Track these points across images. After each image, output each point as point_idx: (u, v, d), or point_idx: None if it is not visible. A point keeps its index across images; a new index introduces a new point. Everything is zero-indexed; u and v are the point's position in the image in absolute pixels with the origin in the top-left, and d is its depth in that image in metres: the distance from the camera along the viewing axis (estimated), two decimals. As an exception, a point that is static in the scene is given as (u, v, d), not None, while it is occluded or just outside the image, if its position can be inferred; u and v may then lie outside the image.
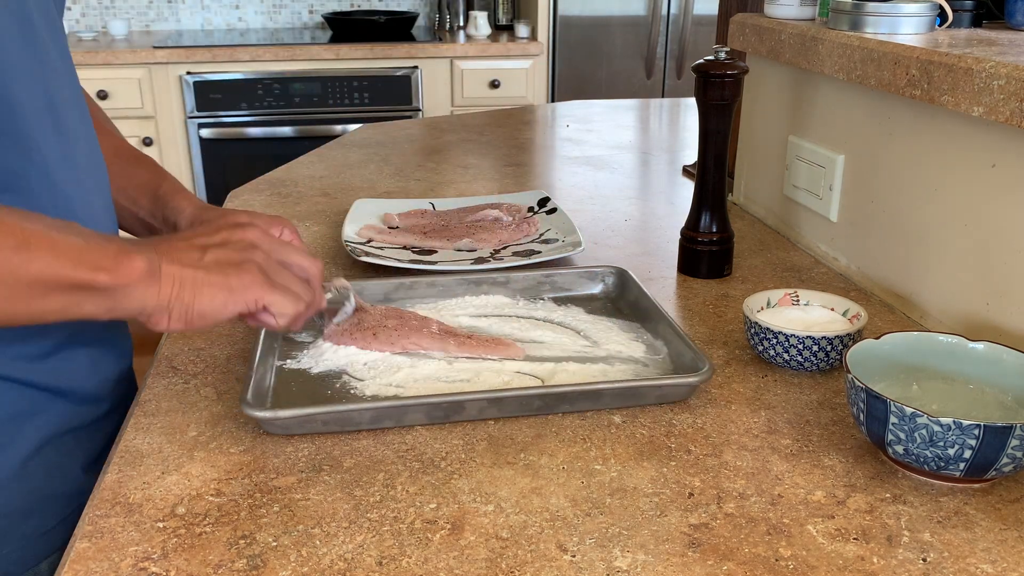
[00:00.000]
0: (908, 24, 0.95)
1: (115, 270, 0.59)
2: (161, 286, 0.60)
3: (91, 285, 0.58)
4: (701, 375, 0.71)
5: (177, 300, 0.61)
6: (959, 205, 0.83)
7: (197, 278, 0.62)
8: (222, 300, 0.63)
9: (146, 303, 0.60)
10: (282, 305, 0.66)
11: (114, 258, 0.59)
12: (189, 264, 0.62)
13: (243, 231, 0.68)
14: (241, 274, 0.64)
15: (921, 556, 0.55)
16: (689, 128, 1.93)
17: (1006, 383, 0.67)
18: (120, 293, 0.59)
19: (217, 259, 0.64)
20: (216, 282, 0.63)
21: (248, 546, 0.55)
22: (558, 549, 0.55)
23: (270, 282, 0.65)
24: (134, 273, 0.59)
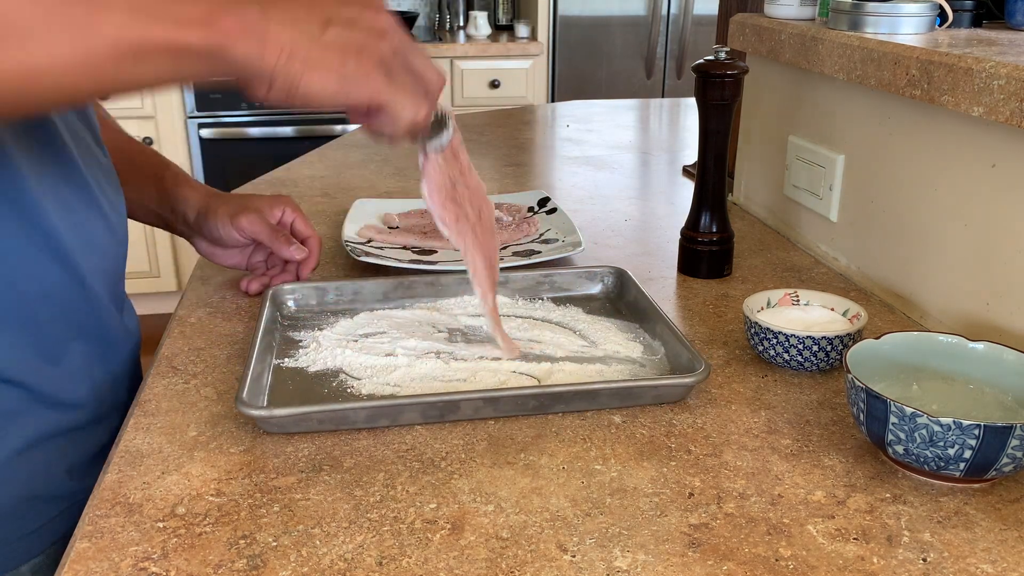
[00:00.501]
0: (908, 24, 0.95)
1: (207, 25, 0.52)
2: (266, 50, 0.53)
3: (183, 46, 0.52)
4: (697, 375, 0.71)
5: (283, 71, 0.54)
6: (959, 205, 0.83)
7: (311, 55, 0.54)
8: (333, 87, 0.56)
9: (246, 66, 0.54)
10: (400, 108, 0.58)
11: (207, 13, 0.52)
12: (305, 33, 0.55)
13: (377, 14, 0.58)
14: (361, 62, 0.56)
15: (921, 556, 0.55)
16: (689, 128, 1.93)
17: (1006, 383, 0.67)
18: (216, 53, 0.53)
19: (339, 38, 0.56)
20: (332, 65, 0.55)
21: (248, 546, 0.55)
22: (558, 549, 0.55)
23: (391, 79, 0.58)
24: (228, 30, 0.52)
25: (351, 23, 0.57)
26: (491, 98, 3.30)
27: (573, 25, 3.35)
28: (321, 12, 0.56)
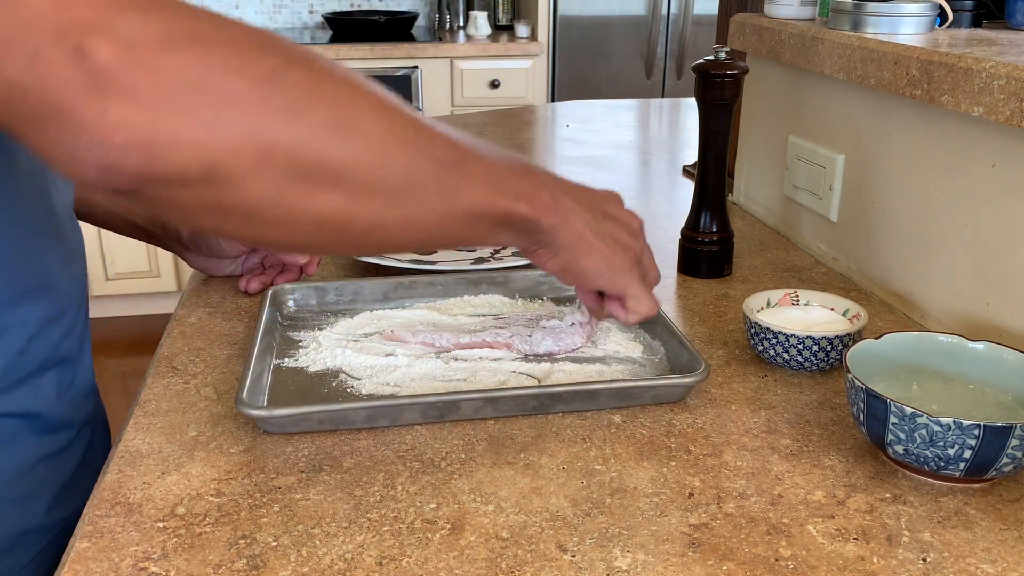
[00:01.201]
0: (908, 24, 0.95)
1: (533, 200, 0.58)
2: (564, 229, 0.60)
3: (513, 216, 0.57)
4: (697, 375, 0.71)
5: (568, 249, 0.61)
6: (959, 205, 0.83)
7: (593, 241, 0.62)
8: (602, 271, 0.64)
9: (547, 238, 0.60)
10: (641, 303, 0.67)
11: (532, 187, 0.58)
12: (588, 222, 0.62)
13: (632, 217, 0.68)
14: (625, 256, 0.65)
15: (921, 556, 0.55)
16: (689, 128, 1.93)
17: (1006, 383, 0.67)
18: (532, 224, 0.58)
19: (611, 232, 0.64)
20: (605, 253, 0.63)
21: (248, 546, 0.55)
22: (558, 549, 0.55)
23: (642, 276, 0.67)
24: (544, 204, 0.58)
25: (617, 221, 0.66)
26: (491, 98, 3.30)
27: (573, 25, 3.35)
28: (597, 205, 0.64)
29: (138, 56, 0.39)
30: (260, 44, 0.44)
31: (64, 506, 0.72)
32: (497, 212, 0.56)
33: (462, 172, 0.53)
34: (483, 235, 0.58)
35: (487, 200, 0.55)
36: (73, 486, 0.73)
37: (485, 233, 0.57)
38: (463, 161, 0.53)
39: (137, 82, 0.39)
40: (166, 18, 0.41)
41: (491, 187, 0.55)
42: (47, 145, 0.41)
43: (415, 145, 0.51)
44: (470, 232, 0.56)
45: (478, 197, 0.54)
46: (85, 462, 0.75)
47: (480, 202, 0.55)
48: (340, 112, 0.47)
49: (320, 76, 0.46)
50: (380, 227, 0.52)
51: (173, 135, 0.40)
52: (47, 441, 0.71)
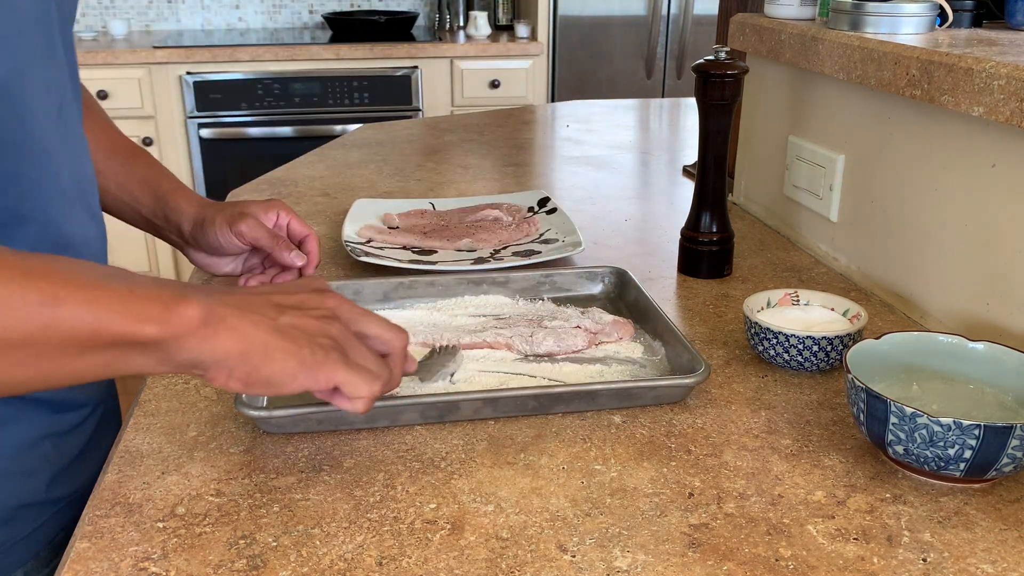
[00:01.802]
0: (908, 24, 0.95)
1: (165, 320, 0.52)
2: (223, 339, 0.54)
3: (137, 339, 0.52)
4: (697, 376, 0.71)
5: (242, 359, 0.55)
6: (959, 205, 0.83)
7: (269, 341, 0.55)
8: (292, 371, 0.56)
9: (202, 356, 0.54)
10: (356, 387, 0.58)
11: (165, 306, 0.53)
12: (260, 324, 0.56)
13: (322, 297, 0.61)
14: (315, 347, 0.57)
15: (921, 556, 0.55)
16: (689, 128, 1.93)
17: (1006, 383, 0.67)
18: (172, 345, 0.53)
19: (293, 324, 0.57)
20: (289, 350, 0.56)
21: (248, 546, 0.55)
22: (558, 549, 0.55)
23: (345, 359, 0.58)
24: (187, 323, 0.53)
25: (301, 307, 0.59)
26: (491, 98, 3.30)
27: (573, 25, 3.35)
28: (271, 300, 0.58)
29: None
30: None
31: (66, 484, 0.73)
32: (112, 338, 0.51)
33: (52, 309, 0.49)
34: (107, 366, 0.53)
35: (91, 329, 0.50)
36: (78, 465, 0.74)
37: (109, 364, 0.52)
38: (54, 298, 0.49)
39: None
40: None
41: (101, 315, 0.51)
42: None
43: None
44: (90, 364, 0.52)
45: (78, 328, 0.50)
46: (92, 442, 0.76)
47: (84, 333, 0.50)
48: None
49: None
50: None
51: None
52: (54, 420, 0.72)
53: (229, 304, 0.56)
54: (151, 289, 0.53)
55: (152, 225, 0.92)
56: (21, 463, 0.69)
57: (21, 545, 0.70)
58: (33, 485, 0.70)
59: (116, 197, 0.89)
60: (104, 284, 0.52)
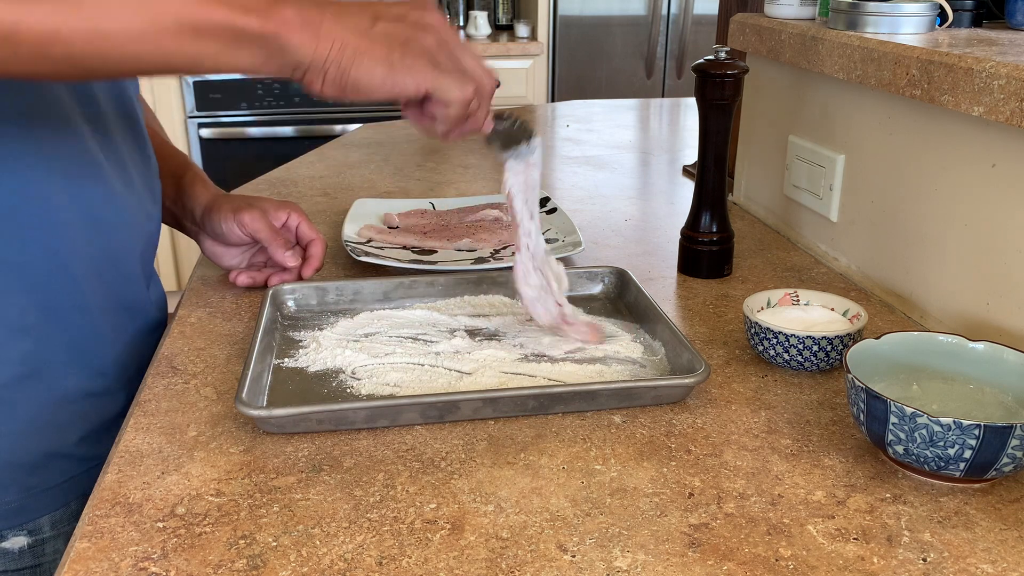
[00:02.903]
0: (908, 24, 0.95)
1: (266, 14, 0.55)
2: (319, 42, 0.56)
3: (240, 30, 0.54)
4: (697, 376, 0.71)
5: (334, 62, 0.57)
6: (959, 205, 0.83)
7: (360, 45, 0.57)
8: (381, 74, 0.58)
9: (301, 57, 0.56)
10: (447, 89, 0.60)
11: (267, 4, 0.55)
12: (354, 28, 0.58)
13: (423, 12, 0.62)
14: (407, 52, 0.59)
15: (921, 556, 0.55)
16: (689, 128, 1.93)
17: (1006, 383, 0.67)
18: (273, 42, 0.55)
19: (387, 31, 0.59)
20: (379, 54, 0.58)
21: (248, 546, 0.55)
22: (558, 549, 0.55)
23: (436, 65, 0.60)
24: (286, 21, 0.55)
25: (399, 18, 0.60)
26: (491, 98, 3.30)
27: (573, 25, 3.35)
28: (371, 9, 0.60)
29: None
30: None
31: (98, 444, 0.76)
32: (217, 25, 0.54)
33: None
34: (214, 55, 0.55)
35: (202, 11, 0.53)
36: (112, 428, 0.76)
37: (216, 52, 0.55)
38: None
39: None
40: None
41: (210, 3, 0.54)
42: None
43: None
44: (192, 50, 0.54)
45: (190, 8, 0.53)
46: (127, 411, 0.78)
47: (193, 13, 0.53)
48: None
49: None
50: (57, 38, 0.51)
51: None
52: (93, 381, 0.76)
53: (327, 11, 0.58)
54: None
55: (172, 215, 0.96)
56: (55, 415, 0.72)
57: (49, 494, 0.74)
58: (64, 438, 0.74)
59: None
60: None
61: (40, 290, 0.71)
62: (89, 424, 0.76)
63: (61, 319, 0.72)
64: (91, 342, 0.76)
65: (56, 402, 0.73)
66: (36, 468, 0.73)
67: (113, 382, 0.78)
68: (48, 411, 0.72)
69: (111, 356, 0.78)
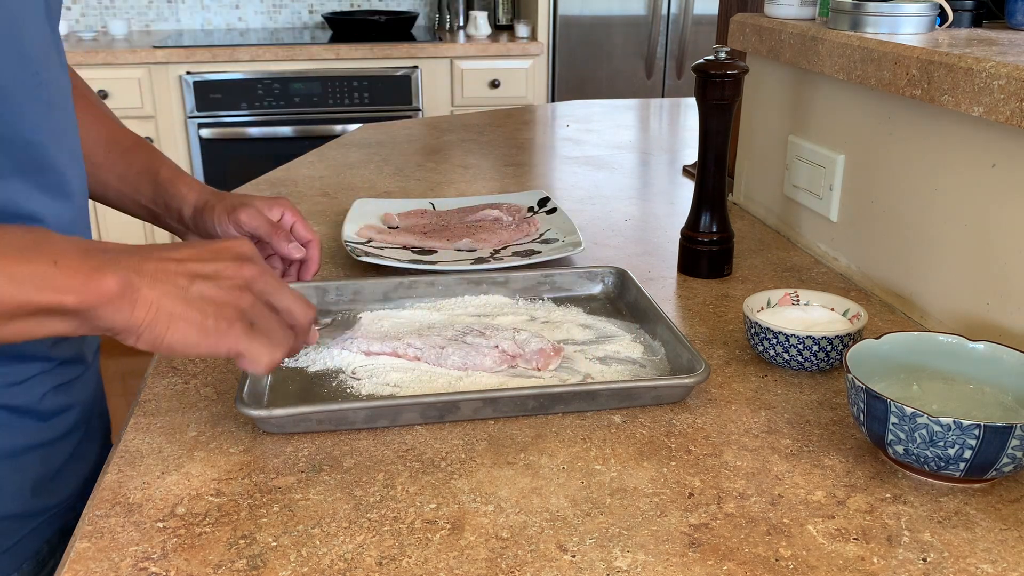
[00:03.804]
0: (908, 24, 0.95)
1: (83, 291, 0.55)
2: (135, 309, 0.57)
3: (57, 308, 0.55)
4: (697, 376, 0.71)
5: (149, 327, 0.58)
6: (959, 205, 0.83)
7: (175, 311, 0.59)
8: (195, 339, 0.59)
9: (115, 323, 0.57)
10: (257, 354, 0.61)
11: (85, 278, 0.56)
12: (170, 293, 0.59)
13: (239, 267, 0.63)
14: (220, 318, 0.60)
15: (921, 556, 0.55)
16: (689, 128, 1.93)
17: (1006, 383, 0.67)
18: (88, 313, 0.56)
19: (202, 294, 0.60)
20: (193, 320, 0.59)
21: (248, 546, 0.55)
22: (558, 549, 0.55)
23: (249, 329, 0.61)
24: (104, 294, 0.56)
25: (215, 277, 0.61)
26: (491, 98, 3.30)
27: (573, 25, 3.35)
28: (188, 267, 0.61)
29: None
30: None
31: (51, 494, 0.72)
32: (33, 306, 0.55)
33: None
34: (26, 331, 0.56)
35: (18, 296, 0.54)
36: (64, 475, 0.73)
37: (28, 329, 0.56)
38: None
39: None
40: None
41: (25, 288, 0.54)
42: None
43: None
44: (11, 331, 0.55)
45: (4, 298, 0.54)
46: (78, 452, 0.75)
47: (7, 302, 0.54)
48: None
49: None
50: None
51: None
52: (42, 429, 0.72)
53: (145, 273, 0.59)
54: (73, 259, 0.56)
55: (152, 214, 0.92)
56: (5, 475, 0.68)
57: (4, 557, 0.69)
58: (17, 497, 0.70)
59: (117, 189, 0.89)
60: (28, 257, 0.55)
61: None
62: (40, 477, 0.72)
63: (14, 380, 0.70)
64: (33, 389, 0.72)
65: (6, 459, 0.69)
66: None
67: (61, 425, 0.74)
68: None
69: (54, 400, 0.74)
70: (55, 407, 0.73)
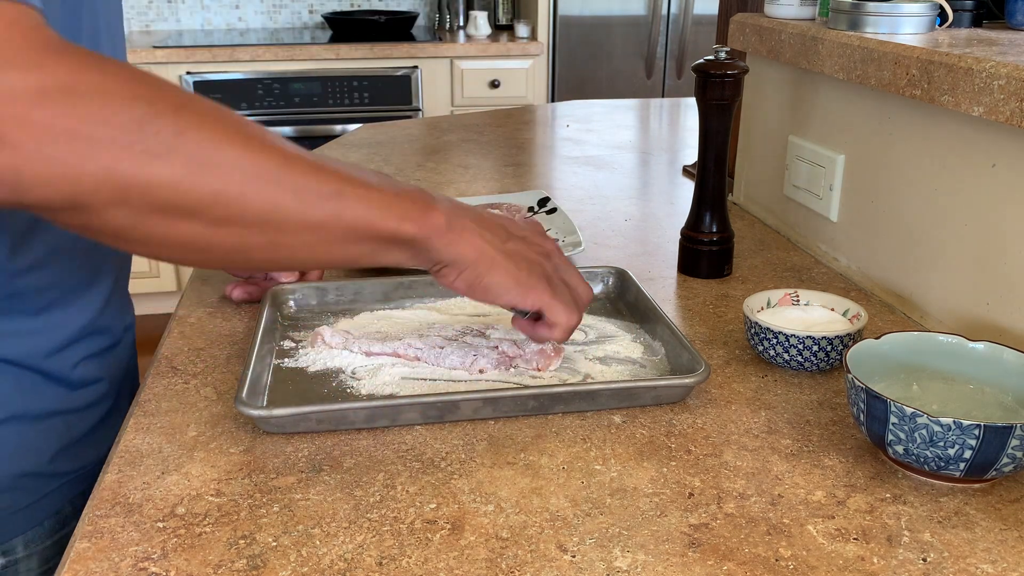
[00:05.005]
0: (908, 24, 0.95)
1: (421, 221, 0.61)
2: (462, 247, 0.64)
3: (398, 236, 0.61)
4: (697, 376, 0.71)
5: (472, 266, 0.64)
6: (959, 205, 0.83)
7: (496, 258, 0.65)
8: (509, 286, 0.66)
9: (444, 257, 0.63)
10: (559, 314, 0.69)
11: (421, 209, 0.62)
12: (491, 241, 0.65)
13: (542, 238, 0.72)
14: (531, 273, 0.67)
15: (921, 556, 0.55)
16: (689, 128, 1.93)
17: (1006, 383, 0.67)
18: (422, 244, 0.62)
19: (517, 250, 0.67)
20: (510, 269, 0.66)
21: (248, 546, 0.55)
22: (558, 549, 0.55)
23: (552, 289, 0.69)
24: (437, 226, 0.62)
25: (524, 240, 0.69)
26: (491, 98, 3.30)
27: (573, 25, 3.35)
28: (504, 228, 0.68)
29: (12, 110, 0.46)
30: (132, 96, 0.50)
31: (73, 459, 0.75)
32: (380, 233, 0.60)
33: (337, 200, 0.58)
34: (373, 254, 0.62)
35: (367, 223, 0.59)
36: (87, 441, 0.76)
37: (374, 252, 0.61)
38: (340, 193, 0.58)
39: (9, 133, 0.46)
40: (46, 73, 0.47)
41: (373, 211, 0.60)
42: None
43: (278, 181, 0.55)
44: (357, 252, 0.61)
45: (357, 221, 0.59)
46: (105, 421, 0.78)
47: (360, 225, 0.59)
48: (201, 154, 0.52)
49: (187, 123, 0.51)
50: (243, 250, 0.57)
51: (38, 177, 0.48)
52: (71, 397, 0.74)
53: (469, 217, 0.65)
54: (411, 194, 0.62)
55: None
56: (27, 436, 0.71)
57: (22, 514, 0.72)
58: (38, 457, 0.72)
59: None
60: (378, 186, 0.61)
61: None
62: (64, 441, 0.74)
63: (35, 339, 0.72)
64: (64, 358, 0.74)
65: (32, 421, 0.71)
66: (9, 489, 0.71)
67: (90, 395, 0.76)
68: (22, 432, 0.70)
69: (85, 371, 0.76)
70: (86, 377, 0.76)
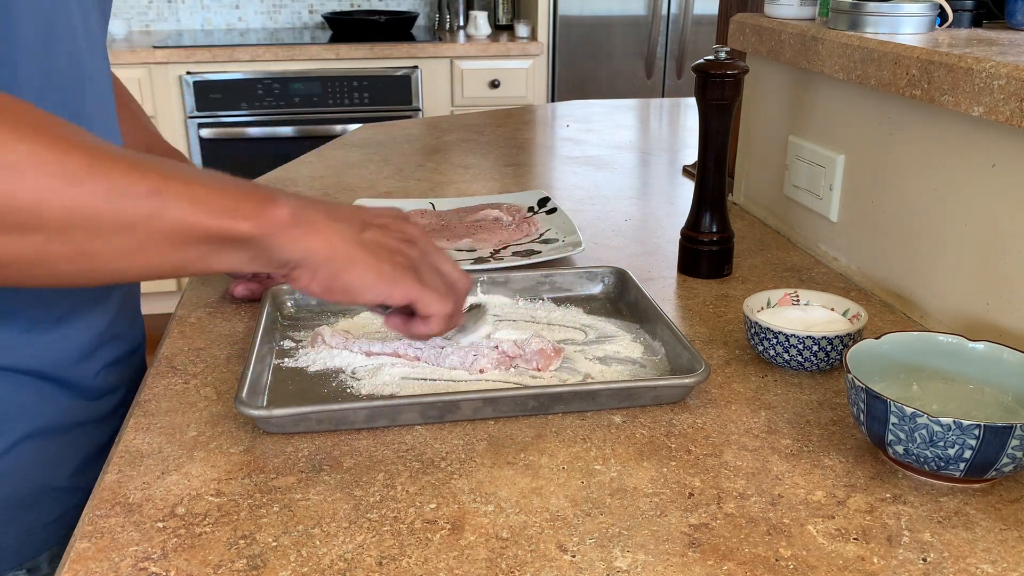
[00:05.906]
0: (908, 24, 0.95)
1: (257, 216, 0.56)
2: (312, 241, 0.58)
3: (231, 235, 0.55)
4: (697, 376, 0.71)
5: (326, 263, 0.58)
6: (959, 205, 0.83)
7: (353, 252, 0.59)
8: (371, 281, 0.60)
9: (289, 255, 0.57)
10: (432, 305, 0.63)
11: (258, 205, 0.56)
12: (344, 234, 0.59)
13: (404, 224, 0.65)
14: (395, 264, 0.62)
15: (921, 556, 0.55)
16: (689, 128, 1.93)
17: (1006, 383, 0.67)
18: (261, 243, 0.56)
19: (376, 239, 0.61)
20: (369, 262, 0.60)
21: (248, 546, 0.55)
22: (558, 549, 0.55)
23: (420, 279, 0.63)
24: (278, 222, 0.56)
25: (384, 228, 0.63)
26: (491, 98, 3.30)
27: (573, 25, 3.35)
28: (359, 215, 0.62)
29: None
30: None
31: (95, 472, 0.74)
32: (209, 233, 0.54)
33: (155, 198, 0.52)
34: (204, 258, 0.55)
35: (192, 222, 0.53)
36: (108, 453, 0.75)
37: (205, 256, 0.55)
38: (157, 191, 0.52)
39: None
40: None
41: (199, 209, 0.54)
42: None
43: (82, 181, 0.50)
44: (183, 256, 0.55)
45: (180, 221, 0.53)
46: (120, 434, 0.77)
47: (183, 226, 0.53)
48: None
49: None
50: (47, 262, 0.51)
51: None
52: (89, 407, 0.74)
53: (318, 210, 0.59)
54: (245, 189, 0.57)
55: None
56: (50, 450, 0.70)
57: (47, 529, 0.72)
58: (59, 471, 0.72)
59: None
60: (203, 182, 0.55)
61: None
62: (84, 454, 0.74)
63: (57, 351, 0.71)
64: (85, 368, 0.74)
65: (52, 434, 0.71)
66: (33, 505, 0.70)
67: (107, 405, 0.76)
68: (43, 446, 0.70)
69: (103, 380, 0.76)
70: (105, 386, 0.75)
